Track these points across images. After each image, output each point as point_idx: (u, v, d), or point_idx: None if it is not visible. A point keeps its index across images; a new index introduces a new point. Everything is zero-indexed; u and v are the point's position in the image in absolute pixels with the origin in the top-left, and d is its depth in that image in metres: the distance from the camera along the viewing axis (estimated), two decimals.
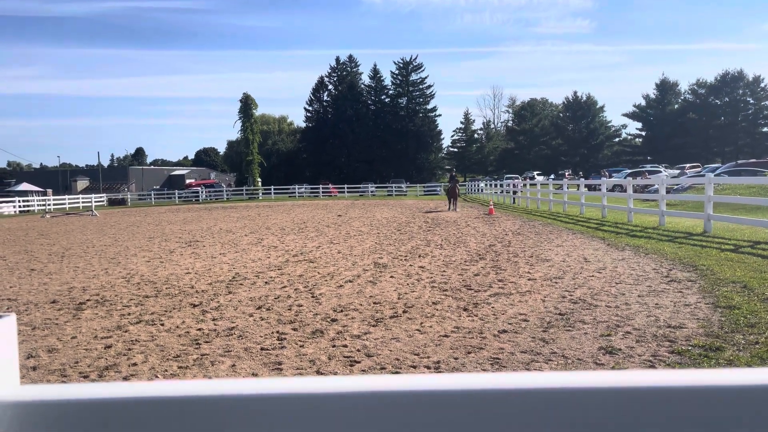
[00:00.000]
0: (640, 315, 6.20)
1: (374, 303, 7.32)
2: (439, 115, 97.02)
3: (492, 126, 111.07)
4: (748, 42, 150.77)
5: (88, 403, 0.63)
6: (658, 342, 5.22)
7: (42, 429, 0.62)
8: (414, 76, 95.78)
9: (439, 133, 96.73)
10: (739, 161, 45.06)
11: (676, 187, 28.87)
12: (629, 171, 48.79)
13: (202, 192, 64.09)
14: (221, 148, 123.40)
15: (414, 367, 4.88)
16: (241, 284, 9.02)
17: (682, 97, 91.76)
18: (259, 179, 70.67)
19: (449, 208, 29.30)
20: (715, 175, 21.87)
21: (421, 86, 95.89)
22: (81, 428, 0.62)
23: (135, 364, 5.17)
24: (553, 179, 37.55)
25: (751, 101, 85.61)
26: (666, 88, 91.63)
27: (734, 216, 14.66)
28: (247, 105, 69.22)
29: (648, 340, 5.28)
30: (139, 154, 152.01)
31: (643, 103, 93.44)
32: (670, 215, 16.04)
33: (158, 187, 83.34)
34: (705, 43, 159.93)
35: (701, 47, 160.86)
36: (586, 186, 26.27)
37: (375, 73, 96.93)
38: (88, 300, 8.13)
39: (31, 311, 7.50)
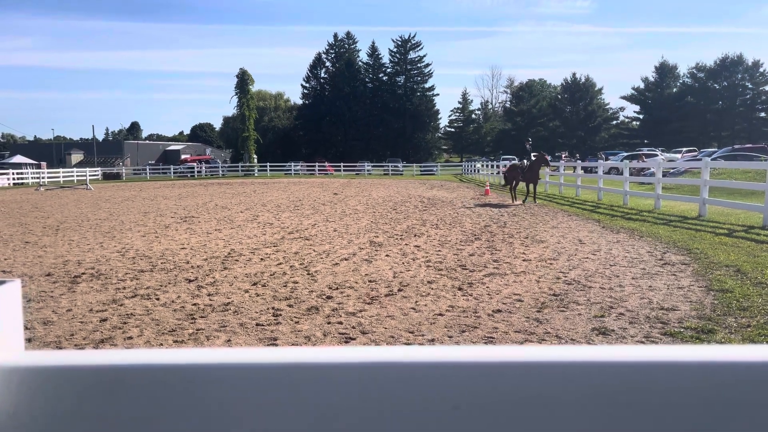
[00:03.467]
0: (634, 297, 6.24)
1: (369, 281, 7.34)
2: (437, 95, 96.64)
3: (490, 106, 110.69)
4: (749, 26, 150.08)
5: (94, 369, 0.63)
6: (650, 324, 5.27)
7: (48, 394, 0.62)
8: (412, 55, 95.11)
9: (437, 112, 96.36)
10: (736, 146, 45.07)
11: (672, 170, 28.91)
12: (626, 154, 48.77)
13: (200, 167, 63.75)
14: (217, 124, 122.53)
15: (408, 344, 4.92)
16: (237, 260, 9.02)
17: (681, 81, 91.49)
18: (255, 156, 70.42)
19: (515, 198, 20.00)
20: (711, 160, 21.89)
21: (419, 65, 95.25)
22: (87, 394, 0.62)
23: (130, 338, 5.18)
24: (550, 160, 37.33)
25: (750, 86, 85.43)
26: (665, 71, 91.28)
27: (729, 200, 14.71)
28: (243, 80, 68.68)
29: (641, 322, 5.33)
30: (135, 128, 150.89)
31: (642, 86, 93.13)
32: (666, 199, 16.09)
33: (153, 161, 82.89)
34: (706, 26, 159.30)
35: (702, 30, 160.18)
36: (582, 168, 26.29)
37: (373, 51, 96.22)
38: (83, 273, 8.12)
39: (26, 284, 7.50)
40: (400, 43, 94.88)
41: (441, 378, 0.61)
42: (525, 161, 20.00)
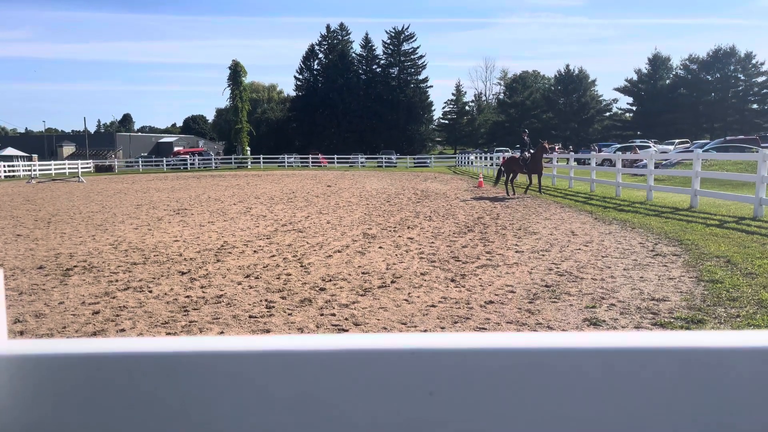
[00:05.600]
0: (625, 288, 6.28)
1: (363, 273, 7.35)
2: (431, 86, 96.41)
3: (483, 98, 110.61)
4: (742, 18, 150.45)
5: (77, 357, 0.63)
6: (641, 314, 5.30)
7: (30, 383, 0.63)
8: (406, 46, 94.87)
9: (430, 104, 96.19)
10: (728, 137, 45.23)
11: (664, 162, 29.01)
12: (619, 146, 48.87)
13: (193, 160, 63.43)
14: (210, 116, 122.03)
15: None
16: (230, 253, 9.01)
17: (674, 73, 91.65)
18: (248, 148, 70.20)
19: (512, 191, 19.30)
20: (703, 151, 21.97)
21: (412, 56, 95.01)
22: (70, 382, 0.63)
23: (123, 330, 5.18)
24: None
25: (742, 78, 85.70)
26: (658, 63, 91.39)
27: (721, 192, 14.79)
28: (236, 72, 68.38)
29: (632, 312, 5.36)
30: (127, 120, 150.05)
31: (635, 77, 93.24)
32: (658, 190, 16.15)
33: (146, 154, 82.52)
34: (699, 18, 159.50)
35: (695, 22, 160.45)
36: (575, 160, 26.33)
37: (366, 42, 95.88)
38: (75, 266, 8.09)
39: (17, 276, 7.47)
40: (393, 34, 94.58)
41: (418, 365, 0.61)
42: (526, 153, 19.38)
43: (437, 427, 0.61)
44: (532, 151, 19.36)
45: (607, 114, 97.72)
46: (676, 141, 55.63)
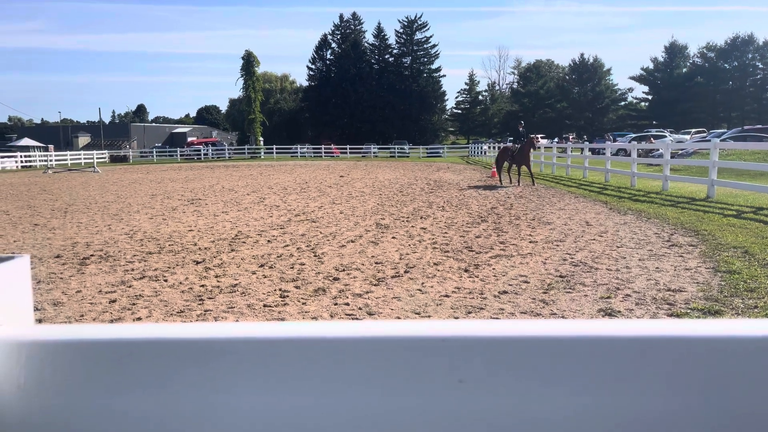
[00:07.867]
0: (641, 278, 6.23)
1: (376, 263, 7.36)
2: (444, 76, 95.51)
3: (497, 88, 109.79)
4: (761, 5, 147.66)
5: (104, 343, 0.64)
6: (657, 305, 5.26)
7: (57, 368, 0.63)
8: (419, 35, 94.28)
9: (443, 94, 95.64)
10: (745, 127, 44.59)
11: (680, 152, 28.68)
12: (634, 135, 48.37)
13: (207, 150, 63.68)
14: (223, 107, 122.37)
15: None
16: (244, 242, 9.05)
17: (691, 61, 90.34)
18: (261, 138, 70.36)
19: (505, 180, 20.28)
20: (720, 141, 21.69)
21: (425, 46, 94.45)
22: (97, 368, 0.63)
23: (139, 319, 5.23)
24: (557, 142, 37.04)
25: (760, 66, 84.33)
26: (675, 51, 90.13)
27: (738, 182, 14.60)
28: (249, 62, 68.47)
29: (647, 303, 5.32)
30: (141, 110, 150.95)
31: (651, 66, 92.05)
32: (674, 180, 15.99)
33: (160, 144, 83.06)
34: (716, 5, 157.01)
35: (712, 10, 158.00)
36: (589, 150, 26.10)
37: (379, 32, 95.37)
38: (91, 255, 8.18)
39: (35, 265, 7.56)
40: (406, 23, 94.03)
41: (447, 352, 0.61)
42: (516, 145, 19.86)
43: (467, 416, 0.61)
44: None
45: (622, 103, 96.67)
46: (693, 130, 54.98)
